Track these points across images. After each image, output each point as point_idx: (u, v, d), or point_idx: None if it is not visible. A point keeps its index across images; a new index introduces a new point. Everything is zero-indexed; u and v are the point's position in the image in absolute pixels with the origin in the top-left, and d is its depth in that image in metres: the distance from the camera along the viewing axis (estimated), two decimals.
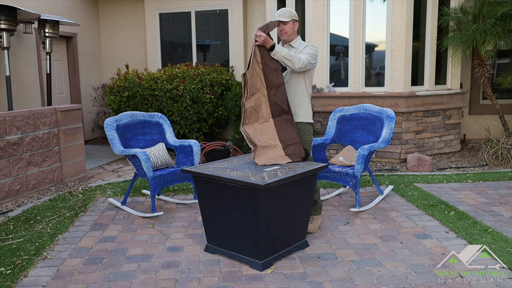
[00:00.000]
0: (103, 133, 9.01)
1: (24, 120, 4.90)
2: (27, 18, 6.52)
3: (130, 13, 8.92)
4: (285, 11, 3.76)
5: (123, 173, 6.12)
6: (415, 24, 6.37)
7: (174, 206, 4.58)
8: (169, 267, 3.15)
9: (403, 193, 4.80)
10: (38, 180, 5.13)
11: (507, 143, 6.10)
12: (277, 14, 3.74)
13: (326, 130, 4.78)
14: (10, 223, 4.08)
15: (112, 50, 9.10)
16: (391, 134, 4.33)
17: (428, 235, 3.63)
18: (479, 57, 6.44)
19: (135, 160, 4.26)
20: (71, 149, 5.60)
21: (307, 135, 3.72)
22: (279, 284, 2.87)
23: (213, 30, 8.43)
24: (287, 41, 3.79)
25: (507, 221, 3.93)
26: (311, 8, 6.47)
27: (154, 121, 4.80)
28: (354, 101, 6.39)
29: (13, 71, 6.75)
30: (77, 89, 8.39)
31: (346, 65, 6.65)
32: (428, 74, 6.61)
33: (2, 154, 4.64)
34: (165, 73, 6.90)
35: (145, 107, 6.77)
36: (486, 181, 5.25)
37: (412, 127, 6.41)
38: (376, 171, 5.92)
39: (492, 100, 6.53)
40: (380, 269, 3.06)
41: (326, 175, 4.42)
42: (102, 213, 4.36)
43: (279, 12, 3.74)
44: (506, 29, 6.06)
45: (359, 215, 4.18)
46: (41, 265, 3.21)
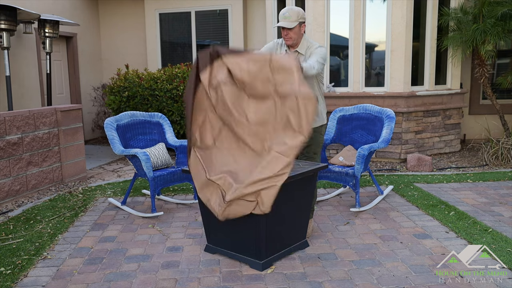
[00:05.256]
0: (103, 133, 9.02)
1: (24, 120, 4.90)
2: (27, 18, 6.52)
3: (130, 13, 8.92)
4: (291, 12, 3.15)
5: (123, 173, 6.12)
6: (415, 24, 6.37)
7: (174, 206, 4.58)
8: (169, 267, 3.15)
9: (403, 193, 4.80)
10: (38, 180, 5.13)
11: (507, 143, 6.10)
12: (281, 14, 3.19)
13: (326, 130, 4.77)
14: (10, 223, 4.08)
15: (112, 50, 9.10)
16: (391, 134, 4.32)
17: (428, 235, 3.63)
18: (479, 57, 6.44)
19: (135, 160, 4.26)
20: (71, 149, 5.60)
21: (320, 137, 3.62)
22: (279, 284, 2.87)
23: (213, 30, 8.44)
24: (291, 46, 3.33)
25: (507, 221, 3.93)
26: (311, 8, 6.47)
27: (154, 121, 4.80)
28: (354, 101, 6.39)
29: (13, 71, 6.75)
30: (77, 89, 8.39)
31: (346, 65, 6.65)
32: (428, 74, 6.61)
33: (2, 154, 4.64)
34: (165, 73, 6.90)
35: (145, 107, 6.78)
36: (486, 181, 5.25)
37: (412, 127, 6.41)
38: (376, 171, 5.92)
39: (492, 100, 6.53)
40: (380, 269, 3.06)
41: (326, 175, 4.42)
42: (102, 213, 4.36)
43: (284, 13, 3.15)
44: (506, 29, 6.06)
45: (359, 215, 4.18)
46: (41, 265, 3.21)
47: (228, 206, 2.94)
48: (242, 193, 2.86)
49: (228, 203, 2.92)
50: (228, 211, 2.97)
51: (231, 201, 2.91)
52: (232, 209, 2.95)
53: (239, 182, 2.92)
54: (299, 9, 3.26)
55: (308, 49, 3.37)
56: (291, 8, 3.21)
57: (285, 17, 3.15)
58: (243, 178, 2.91)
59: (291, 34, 3.22)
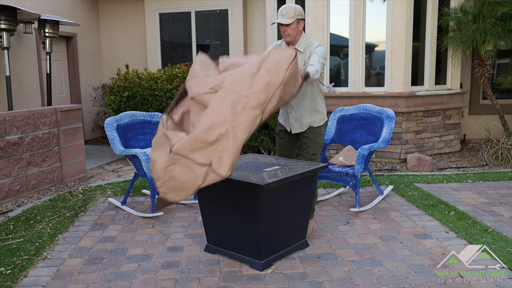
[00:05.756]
0: (103, 133, 9.01)
1: (24, 120, 4.90)
2: (27, 18, 6.51)
3: (130, 13, 8.92)
4: (288, 9, 3.23)
5: (123, 173, 6.12)
6: (415, 24, 6.37)
7: (174, 206, 4.58)
8: (169, 267, 3.15)
9: (403, 193, 4.80)
10: (38, 180, 5.13)
11: (507, 143, 6.10)
12: (279, 12, 3.27)
13: (326, 130, 4.77)
14: (10, 223, 4.08)
15: (112, 50, 9.10)
16: (391, 134, 4.33)
17: (428, 235, 3.63)
18: (479, 57, 6.44)
19: (135, 160, 4.26)
20: (71, 149, 5.60)
21: (320, 137, 3.60)
22: (279, 284, 2.87)
23: (213, 30, 8.44)
24: (290, 43, 3.38)
25: (507, 221, 3.93)
26: (311, 8, 6.47)
27: (155, 121, 4.80)
28: (354, 101, 6.39)
29: (13, 71, 6.75)
30: (77, 89, 8.39)
31: (346, 65, 6.65)
32: (428, 74, 6.61)
33: (2, 154, 4.64)
34: (165, 73, 6.90)
35: (145, 107, 6.78)
36: (486, 181, 5.25)
37: (412, 127, 6.41)
38: (376, 171, 5.93)
39: (492, 100, 6.53)
40: (380, 269, 3.06)
41: (326, 175, 4.42)
42: (102, 213, 4.36)
43: (281, 11, 3.24)
44: (506, 29, 6.06)
45: (359, 215, 4.18)
46: (41, 265, 3.21)
47: (174, 164, 2.43)
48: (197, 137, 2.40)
49: (173, 158, 2.43)
50: (171, 171, 2.45)
51: (177, 158, 2.42)
52: (177, 170, 2.44)
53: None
54: (296, 6, 3.30)
55: (307, 47, 3.38)
56: (288, 5, 3.25)
57: (283, 14, 3.21)
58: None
59: (289, 30, 3.26)
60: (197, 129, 2.48)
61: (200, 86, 2.68)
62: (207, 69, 2.86)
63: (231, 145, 2.46)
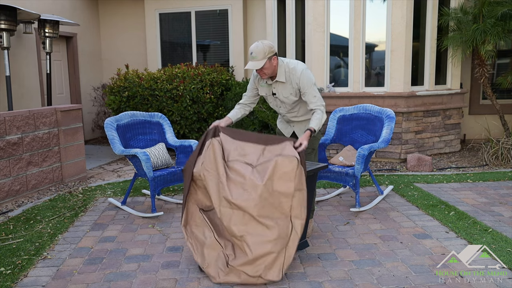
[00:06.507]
0: (103, 133, 9.02)
1: (24, 120, 4.90)
2: (27, 18, 6.52)
3: (130, 13, 8.92)
4: (256, 51, 3.11)
5: (123, 173, 6.12)
6: (415, 24, 6.37)
7: (174, 206, 4.58)
8: (169, 267, 3.15)
9: (403, 193, 4.80)
10: (38, 180, 5.13)
11: (507, 143, 6.10)
12: (249, 54, 3.18)
13: (326, 130, 4.78)
14: (10, 223, 4.08)
15: (112, 50, 9.10)
16: (391, 134, 4.33)
17: (428, 235, 3.63)
18: (479, 57, 6.44)
19: (135, 160, 4.26)
20: (71, 149, 5.60)
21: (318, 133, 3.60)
22: (279, 284, 2.87)
23: (213, 30, 8.44)
24: (270, 78, 3.34)
25: (507, 221, 3.93)
26: (311, 8, 6.47)
27: (154, 121, 4.80)
28: (354, 101, 6.39)
29: (13, 71, 6.75)
30: (77, 89, 8.39)
31: (346, 65, 6.65)
32: (428, 74, 6.61)
33: (2, 154, 4.64)
34: (165, 73, 6.90)
35: (145, 107, 6.78)
36: (486, 181, 5.25)
37: (412, 127, 6.41)
38: (376, 171, 5.93)
39: (492, 100, 6.53)
40: (380, 269, 3.06)
41: (326, 175, 4.42)
42: (102, 213, 4.36)
43: (250, 53, 3.14)
44: (506, 29, 6.06)
45: (359, 215, 4.18)
46: (41, 265, 3.21)
47: (230, 272, 2.91)
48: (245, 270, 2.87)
49: (230, 269, 2.91)
50: (228, 278, 2.91)
51: (232, 268, 2.90)
52: (231, 277, 2.90)
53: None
54: (265, 45, 3.16)
55: (289, 75, 3.31)
56: (256, 46, 3.15)
57: (253, 57, 3.14)
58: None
59: (264, 70, 3.21)
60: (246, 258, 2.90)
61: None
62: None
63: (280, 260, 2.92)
